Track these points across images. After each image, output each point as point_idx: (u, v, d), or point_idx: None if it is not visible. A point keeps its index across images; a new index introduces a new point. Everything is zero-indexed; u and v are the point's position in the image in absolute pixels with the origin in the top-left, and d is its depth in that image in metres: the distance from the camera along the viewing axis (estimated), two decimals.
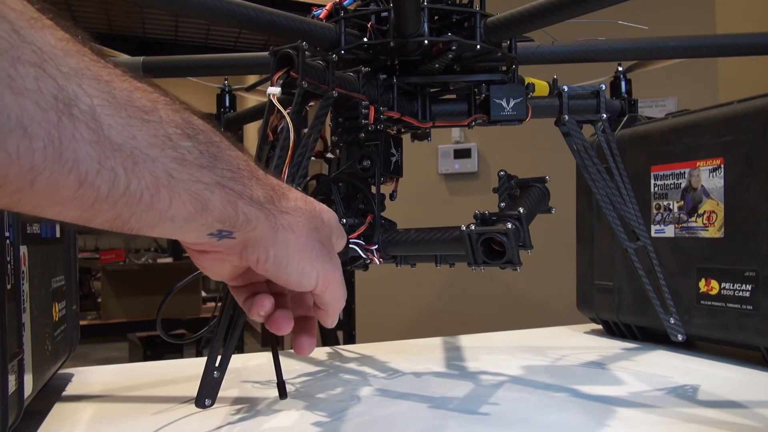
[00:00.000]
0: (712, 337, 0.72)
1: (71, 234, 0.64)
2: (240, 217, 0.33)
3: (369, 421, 0.51)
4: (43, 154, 0.24)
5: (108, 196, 0.27)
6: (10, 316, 0.41)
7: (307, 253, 0.38)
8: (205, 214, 0.32)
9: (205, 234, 0.33)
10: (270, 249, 0.36)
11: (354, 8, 0.59)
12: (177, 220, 0.31)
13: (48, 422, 0.52)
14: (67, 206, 0.27)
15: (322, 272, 0.39)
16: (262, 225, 0.35)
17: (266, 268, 0.37)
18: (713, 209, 0.71)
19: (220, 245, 0.35)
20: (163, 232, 0.32)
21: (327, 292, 0.40)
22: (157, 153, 0.29)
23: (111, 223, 0.29)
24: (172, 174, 0.30)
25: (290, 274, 0.37)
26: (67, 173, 0.25)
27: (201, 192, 0.31)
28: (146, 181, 0.28)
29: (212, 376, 0.45)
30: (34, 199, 0.26)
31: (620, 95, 0.91)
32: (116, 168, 0.27)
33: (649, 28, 0.81)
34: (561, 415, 0.52)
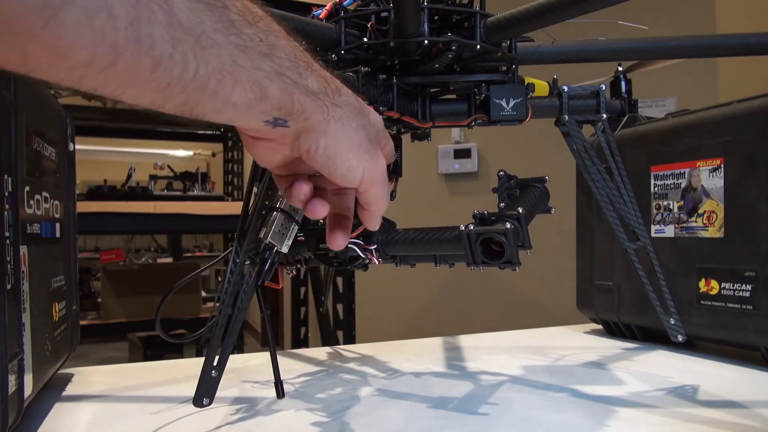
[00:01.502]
0: (712, 337, 0.72)
1: (71, 234, 0.64)
2: (296, 105, 0.34)
3: (369, 421, 0.51)
4: (124, 34, 0.26)
5: (180, 79, 0.28)
6: (10, 316, 0.41)
7: (355, 147, 0.38)
8: (264, 102, 0.33)
9: (262, 121, 0.34)
10: (321, 139, 0.37)
11: (354, 8, 0.59)
12: (239, 107, 0.32)
13: (48, 422, 0.52)
14: (144, 89, 0.28)
15: (368, 169, 0.39)
16: (315, 115, 0.36)
17: (316, 158, 0.37)
18: (713, 209, 0.71)
19: (274, 133, 0.36)
20: (224, 119, 0.33)
21: (371, 189, 0.40)
22: (222, 39, 0.29)
23: (181, 108, 0.30)
24: (236, 60, 0.30)
25: (337, 166, 0.38)
26: (145, 54, 0.27)
27: (261, 80, 0.32)
28: (213, 67, 0.29)
29: (210, 376, 0.45)
30: (116, 79, 0.27)
31: (620, 95, 0.91)
32: (186, 52, 0.28)
33: (649, 28, 0.81)
34: (561, 415, 0.52)
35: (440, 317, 2.23)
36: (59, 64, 0.26)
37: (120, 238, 5.31)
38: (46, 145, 0.54)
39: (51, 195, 0.55)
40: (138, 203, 2.18)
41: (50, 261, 0.54)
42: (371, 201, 0.42)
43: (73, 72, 0.27)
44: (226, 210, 2.31)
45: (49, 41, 0.24)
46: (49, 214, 0.54)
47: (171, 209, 1.88)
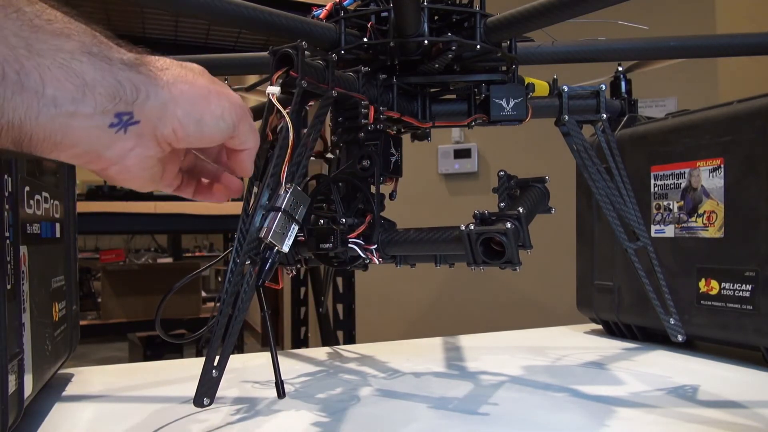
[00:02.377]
0: (712, 337, 0.72)
1: (71, 234, 0.64)
2: (126, 86, 0.29)
3: (369, 421, 0.51)
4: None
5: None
6: (10, 316, 0.41)
7: (208, 95, 0.34)
8: (89, 92, 0.27)
9: (107, 127, 0.29)
10: (177, 111, 0.32)
11: (354, 8, 0.59)
12: (62, 103, 0.26)
13: (48, 422, 0.52)
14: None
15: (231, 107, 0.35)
16: (153, 89, 0.30)
17: (186, 134, 0.32)
18: (713, 209, 0.71)
19: (129, 139, 0.30)
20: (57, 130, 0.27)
21: (242, 126, 0.36)
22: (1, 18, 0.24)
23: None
24: (28, 42, 0.25)
25: (210, 125, 0.33)
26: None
27: (69, 62, 0.26)
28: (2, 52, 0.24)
29: (210, 375, 0.45)
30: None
31: (620, 95, 0.91)
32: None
33: (649, 28, 0.81)
34: (561, 415, 0.52)
35: (440, 317, 2.23)
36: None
37: (120, 238, 5.32)
38: None
39: (51, 195, 0.55)
40: (138, 203, 2.18)
41: (50, 261, 0.54)
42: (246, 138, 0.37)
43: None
44: (226, 210, 2.31)
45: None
46: (49, 214, 0.54)
47: (171, 209, 1.88)
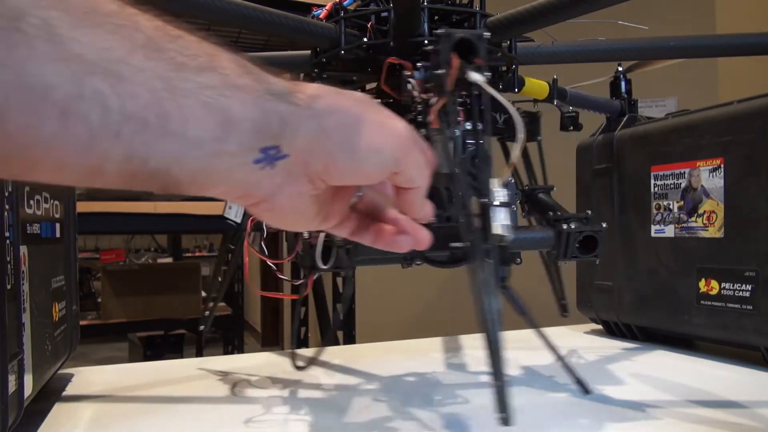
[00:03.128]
0: (712, 337, 0.72)
1: (71, 234, 0.64)
2: (272, 118, 0.27)
3: (369, 421, 0.51)
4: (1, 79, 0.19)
5: (103, 125, 0.22)
6: (10, 316, 0.41)
7: (367, 126, 0.29)
8: (233, 128, 0.25)
9: (251, 162, 0.27)
10: (327, 143, 0.28)
11: (354, 8, 0.59)
12: (204, 144, 0.25)
13: (48, 422, 0.52)
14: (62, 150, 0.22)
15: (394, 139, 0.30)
16: (303, 121, 0.28)
17: (341, 169, 0.29)
18: (713, 209, 0.71)
19: (278, 174, 0.28)
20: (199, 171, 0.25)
21: (409, 161, 0.31)
22: (142, 61, 0.23)
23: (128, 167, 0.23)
24: (171, 82, 0.23)
25: (368, 159, 0.29)
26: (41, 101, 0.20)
27: (214, 99, 0.25)
28: (143, 98, 0.23)
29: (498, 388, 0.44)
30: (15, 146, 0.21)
31: (620, 95, 0.91)
32: (99, 87, 0.21)
33: (649, 28, 0.81)
34: (560, 415, 0.52)
35: (440, 317, 2.23)
36: None
37: (120, 238, 5.31)
38: None
39: (51, 195, 0.55)
40: (138, 203, 2.18)
41: (50, 261, 0.54)
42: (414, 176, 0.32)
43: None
44: None
45: None
46: (49, 214, 0.54)
47: (171, 209, 1.88)
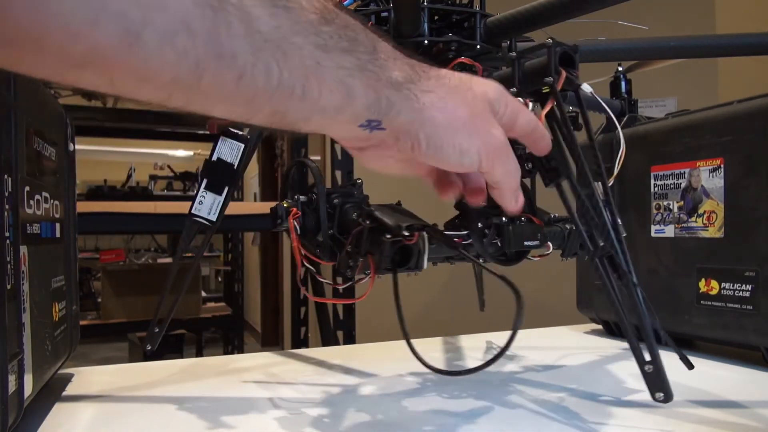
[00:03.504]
0: (712, 337, 0.72)
1: (71, 234, 0.64)
2: (383, 101, 0.33)
3: (369, 421, 0.51)
4: (205, 50, 0.26)
5: (265, 89, 0.28)
6: (10, 316, 0.41)
7: (461, 128, 0.36)
8: (351, 102, 0.32)
9: (356, 126, 0.34)
10: (419, 132, 0.35)
11: (354, 8, 0.59)
12: (328, 110, 0.31)
13: (48, 422, 0.52)
14: (231, 103, 0.29)
15: (483, 147, 0.37)
16: (406, 108, 0.34)
17: (422, 153, 0.36)
18: (713, 209, 0.71)
19: (373, 138, 0.35)
20: (316, 126, 0.32)
21: (495, 168, 0.38)
22: (302, 41, 0.29)
23: (270, 118, 0.30)
24: (319, 62, 0.30)
25: (449, 155, 0.36)
26: (227, 68, 0.27)
27: (344, 78, 0.31)
28: (296, 72, 0.29)
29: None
30: (203, 95, 0.27)
31: (620, 95, 0.91)
32: (268, 60, 0.28)
33: (649, 28, 0.81)
34: (560, 416, 0.52)
35: (440, 317, 2.23)
36: (146, 86, 0.26)
37: (120, 238, 5.31)
38: (46, 145, 0.54)
39: (51, 195, 0.55)
40: (138, 203, 2.18)
41: (50, 261, 0.54)
42: (499, 180, 0.39)
43: (160, 92, 0.27)
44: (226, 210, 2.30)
45: (133, 66, 0.25)
46: (49, 214, 0.54)
47: (171, 209, 1.88)
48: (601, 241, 0.49)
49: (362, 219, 0.50)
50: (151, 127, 4.24)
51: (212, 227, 0.59)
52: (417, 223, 0.50)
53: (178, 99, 0.27)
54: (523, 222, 0.56)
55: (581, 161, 0.49)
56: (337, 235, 0.53)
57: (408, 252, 0.50)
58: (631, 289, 0.48)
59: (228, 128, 0.58)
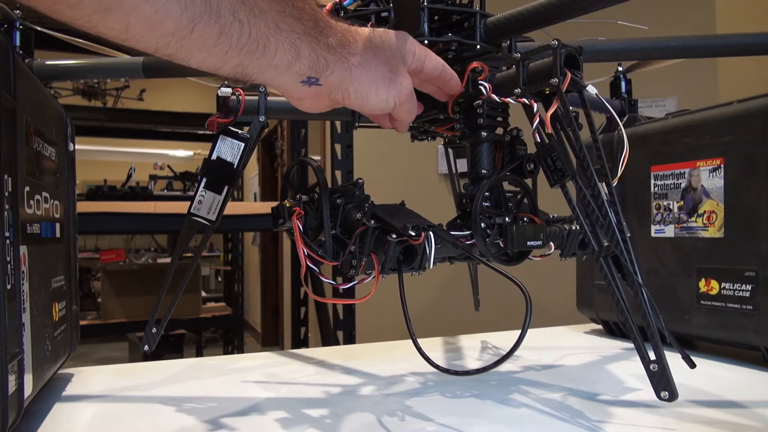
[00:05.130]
0: (712, 337, 0.72)
1: (71, 234, 0.64)
2: (321, 61, 0.41)
3: (368, 421, 0.51)
4: (200, 8, 0.32)
5: (236, 43, 0.35)
6: (10, 316, 0.41)
7: (380, 81, 0.45)
8: (298, 61, 0.39)
9: (299, 81, 0.41)
10: (349, 87, 0.43)
11: (354, 8, 0.59)
12: (279, 68, 0.39)
13: (48, 422, 0.52)
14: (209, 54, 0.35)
15: (397, 94, 0.46)
16: (338, 68, 0.42)
17: (350, 102, 0.44)
18: (713, 209, 0.71)
19: (310, 92, 0.43)
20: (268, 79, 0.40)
21: (402, 108, 0.48)
22: (267, 6, 0.36)
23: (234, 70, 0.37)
24: (278, 24, 0.37)
25: (372, 103, 0.45)
26: (214, 23, 0.33)
27: (295, 40, 0.38)
28: (261, 31, 0.36)
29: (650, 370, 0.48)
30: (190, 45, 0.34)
31: (620, 95, 0.91)
32: (243, 19, 0.35)
33: (649, 28, 0.81)
34: (560, 415, 0.52)
35: (440, 317, 2.23)
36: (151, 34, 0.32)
37: (120, 238, 5.31)
38: (46, 145, 0.54)
39: (51, 195, 0.55)
40: (138, 203, 2.18)
41: (50, 261, 0.54)
42: (404, 117, 0.50)
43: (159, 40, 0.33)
44: (226, 210, 2.30)
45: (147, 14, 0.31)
46: (49, 214, 0.54)
47: (171, 209, 1.88)
48: (606, 241, 0.49)
49: (366, 219, 0.50)
50: (151, 127, 4.24)
51: (211, 227, 0.59)
52: (422, 223, 0.50)
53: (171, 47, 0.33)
54: (525, 222, 0.56)
55: (586, 162, 0.49)
56: (340, 235, 0.53)
57: (412, 252, 0.50)
58: (636, 288, 0.48)
59: (228, 127, 0.58)
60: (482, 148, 0.58)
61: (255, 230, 4.28)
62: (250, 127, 0.59)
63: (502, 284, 0.53)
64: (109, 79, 3.37)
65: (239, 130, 0.59)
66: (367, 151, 2.28)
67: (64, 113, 0.64)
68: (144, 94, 4.65)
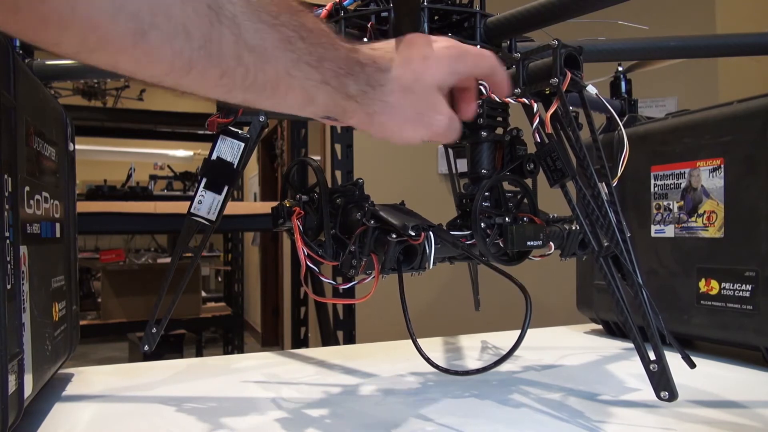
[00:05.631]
0: (712, 337, 0.72)
1: (71, 234, 0.64)
2: (338, 109, 0.41)
3: (368, 421, 0.51)
4: (198, 52, 0.32)
5: (240, 85, 0.35)
6: (10, 316, 0.41)
7: (407, 124, 0.43)
8: (312, 106, 0.39)
9: (314, 116, 0.42)
10: (370, 128, 0.43)
11: (354, 8, 0.59)
12: (292, 108, 0.39)
13: (48, 422, 0.52)
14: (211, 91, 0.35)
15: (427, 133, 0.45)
16: (358, 114, 0.42)
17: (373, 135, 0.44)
18: (713, 209, 0.71)
19: (329, 122, 0.44)
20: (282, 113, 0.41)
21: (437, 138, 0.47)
22: (279, 54, 0.35)
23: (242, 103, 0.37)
24: (289, 72, 0.36)
25: (398, 141, 0.44)
26: (214, 67, 0.33)
27: (309, 89, 0.38)
28: (269, 77, 0.35)
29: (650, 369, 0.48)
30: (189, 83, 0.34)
31: (620, 95, 0.91)
32: (248, 65, 0.34)
33: (649, 28, 0.81)
34: (560, 415, 0.52)
35: (440, 317, 2.23)
36: (143, 72, 0.32)
37: (120, 238, 5.31)
38: (46, 145, 0.54)
39: (51, 195, 0.55)
40: (138, 203, 2.18)
41: (50, 261, 0.54)
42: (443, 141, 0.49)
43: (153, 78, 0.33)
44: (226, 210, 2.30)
45: (136, 56, 0.30)
46: (49, 214, 0.54)
47: (171, 209, 1.88)
48: (606, 241, 0.49)
49: (367, 219, 0.50)
50: (151, 127, 4.24)
51: (211, 226, 0.59)
52: (423, 223, 0.50)
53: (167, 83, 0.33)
54: (525, 222, 0.56)
55: (586, 162, 0.49)
56: (340, 235, 0.53)
57: (412, 252, 0.50)
58: (636, 288, 0.48)
59: (228, 127, 0.58)
60: (482, 148, 0.58)
61: (255, 230, 4.28)
62: (250, 127, 0.59)
63: (502, 284, 0.53)
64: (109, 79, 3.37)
65: (239, 130, 0.59)
66: (367, 151, 2.28)
67: (64, 113, 0.64)
68: (144, 94, 4.65)
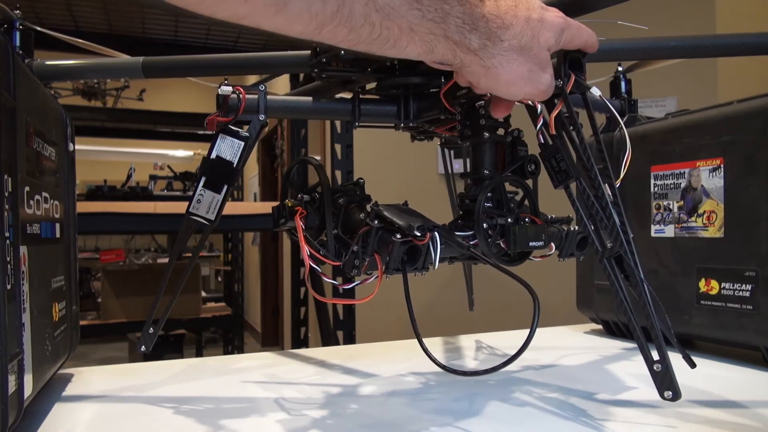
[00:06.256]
0: (712, 337, 0.72)
1: (71, 234, 0.64)
2: (456, 59, 0.42)
3: (369, 421, 0.51)
4: (331, 16, 0.35)
5: (365, 40, 0.38)
6: (10, 316, 0.41)
7: (517, 81, 0.45)
8: (430, 55, 0.41)
9: (428, 62, 0.43)
10: (481, 80, 0.44)
11: None
12: (409, 56, 0.41)
13: (48, 422, 0.52)
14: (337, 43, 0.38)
15: (531, 92, 0.46)
16: (474, 66, 0.43)
17: (479, 89, 0.46)
18: (713, 209, 0.71)
19: (439, 66, 0.44)
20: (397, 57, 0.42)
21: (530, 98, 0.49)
22: (405, 11, 0.37)
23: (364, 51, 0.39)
24: (413, 27, 0.38)
25: (503, 95, 0.46)
26: (342, 26, 0.36)
27: (431, 41, 0.40)
28: (393, 32, 0.38)
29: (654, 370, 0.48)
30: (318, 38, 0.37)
31: (620, 95, 0.91)
32: (375, 22, 0.37)
33: (649, 28, 0.81)
34: (560, 415, 0.52)
35: (440, 317, 2.23)
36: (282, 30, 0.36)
37: (120, 238, 5.31)
38: (46, 145, 0.54)
39: (51, 195, 0.55)
40: (138, 203, 2.18)
41: (50, 261, 0.54)
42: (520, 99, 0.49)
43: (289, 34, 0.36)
44: (226, 210, 2.30)
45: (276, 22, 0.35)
46: (49, 215, 0.54)
47: (171, 209, 1.88)
48: (610, 242, 0.49)
49: (370, 219, 0.50)
50: (151, 127, 4.24)
51: (210, 226, 0.59)
52: (427, 224, 0.50)
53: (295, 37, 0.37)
54: (527, 223, 0.56)
55: (590, 162, 0.49)
56: (342, 234, 0.53)
57: (416, 252, 0.50)
58: (640, 289, 0.48)
59: (227, 126, 0.58)
60: (484, 149, 0.58)
61: (255, 230, 4.28)
62: (250, 126, 0.59)
63: (502, 285, 0.53)
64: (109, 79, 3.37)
65: (239, 129, 0.59)
66: (367, 151, 2.28)
67: (64, 113, 0.64)
68: (144, 94, 4.65)
